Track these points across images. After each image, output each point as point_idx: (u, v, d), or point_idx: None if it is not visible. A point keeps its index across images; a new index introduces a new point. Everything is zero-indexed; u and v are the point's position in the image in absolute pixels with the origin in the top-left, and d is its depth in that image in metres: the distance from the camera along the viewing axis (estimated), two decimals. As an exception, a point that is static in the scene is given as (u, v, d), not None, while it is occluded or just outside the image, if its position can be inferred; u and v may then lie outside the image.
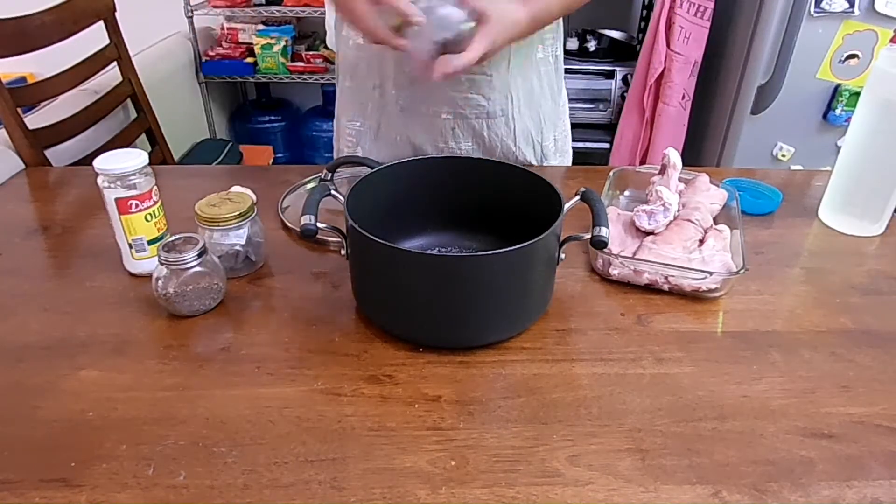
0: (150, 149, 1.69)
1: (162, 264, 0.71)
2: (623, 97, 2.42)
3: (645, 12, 2.56)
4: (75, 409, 0.61)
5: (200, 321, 0.73)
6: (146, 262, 0.79)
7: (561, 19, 1.04)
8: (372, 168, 0.79)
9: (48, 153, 1.23)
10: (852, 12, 1.75)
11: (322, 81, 2.66)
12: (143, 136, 1.67)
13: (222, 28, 2.64)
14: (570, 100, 1.18)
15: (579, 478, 0.55)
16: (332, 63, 2.64)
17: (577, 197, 0.72)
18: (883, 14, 1.74)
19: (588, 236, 0.68)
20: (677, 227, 0.84)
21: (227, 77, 2.58)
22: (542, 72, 1.05)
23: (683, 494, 0.54)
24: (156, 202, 0.78)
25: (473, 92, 0.99)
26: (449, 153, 1.04)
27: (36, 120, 1.27)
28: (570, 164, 1.18)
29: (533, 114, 1.06)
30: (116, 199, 0.75)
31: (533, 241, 0.64)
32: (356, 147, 1.10)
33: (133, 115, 1.65)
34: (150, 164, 0.76)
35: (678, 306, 0.77)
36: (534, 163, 1.10)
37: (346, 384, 0.64)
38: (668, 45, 2.11)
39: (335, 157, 1.14)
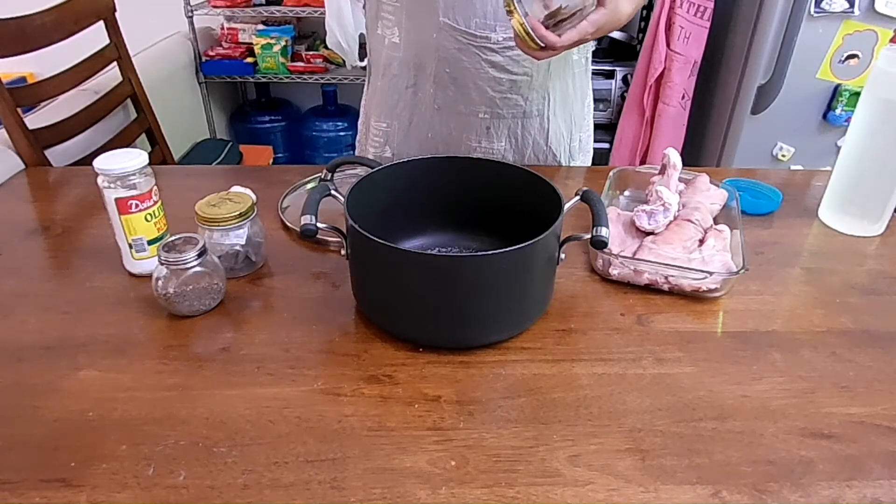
0: (150, 149, 1.69)
1: (162, 264, 0.71)
2: (623, 97, 2.42)
3: (645, 12, 2.56)
4: (75, 409, 0.61)
5: (200, 321, 0.73)
6: (146, 262, 0.79)
7: None
8: (372, 168, 0.79)
9: (48, 153, 1.23)
10: (852, 12, 1.75)
11: (322, 81, 2.66)
12: (143, 136, 1.67)
13: (222, 28, 2.64)
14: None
15: (579, 478, 0.55)
16: (332, 63, 2.64)
17: (577, 197, 0.72)
18: (883, 14, 1.74)
19: (588, 236, 0.68)
20: (677, 227, 0.84)
21: (227, 77, 2.58)
22: (576, 73, 1.06)
23: (683, 494, 0.54)
24: (156, 202, 0.78)
25: (513, 93, 0.99)
26: (481, 152, 1.04)
27: (36, 120, 1.27)
28: (590, 162, 1.19)
29: (566, 115, 1.07)
30: (116, 199, 0.75)
31: (533, 241, 0.64)
32: (384, 147, 1.10)
33: (133, 115, 1.65)
34: (150, 164, 0.76)
35: (678, 306, 0.77)
36: (563, 162, 1.11)
37: (346, 384, 0.64)
38: (668, 45, 2.11)
39: (358, 156, 1.14)
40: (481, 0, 0.91)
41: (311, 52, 2.63)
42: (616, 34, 2.55)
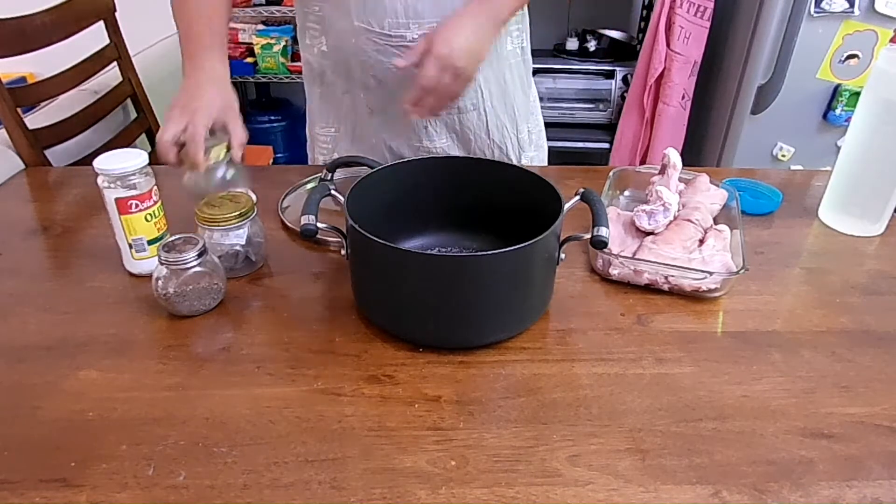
0: (150, 149, 1.69)
1: (162, 264, 0.71)
2: (623, 97, 2.42)
3: (645, 12, 2.56)
4: (75, 409, 0.61)
5: (200, 321, 0.73)
6: (146, 262, 0.79)
7: (526, 11, 1.03)
8: (372, 168, 0.79)
9: (48, 153, 1.22)
10: (852, 12, 1.75)
11: (322, 81, 2.66)
12: (143, 136, 1.67)
13: (222, 28, 2.63)
14: (570, 100, 1.18)
15: (579, 478, 0.55)
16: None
17: (577, 197, 0.72)
18: (883, 14, 1.74)
19: (588, 236, 0.68)
20: (677, 227, 0.84)
21: (227, 77, 2.58)
22: (512, 64, 1.05)
23: (683, 494, 0.54)
24: (156, 202, 0.78)
25: None
26: (425, 151, 1.04)
27: (36, 120, 1.27)
28: (545, 159, 1.18)
29: (507, 107, 1.06)
30: (116, 199, 0.75)
31: (533, 241, 0.64)
32: (332, 153, 1.10)
33: (133, 115, 1.64)
34: (150, 164, 0.76)
35: (678, 306, 0.77)
36: (511, 155, 1.10)
37: (346, 384, 0.64)
38: (668, 45, 2.11)
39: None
40: (391, 0, 0.90)
41: (311, 52, 2.63)
42: (616, 34, 2.55)
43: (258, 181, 1.00)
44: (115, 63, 1.56)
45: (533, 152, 1.14)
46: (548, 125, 1.20)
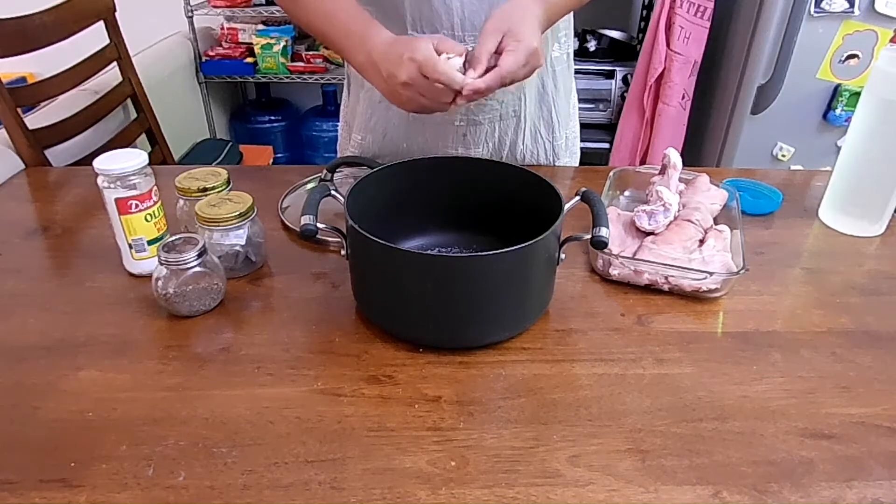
0: (150, 149, 1.69)
1: (162, 264, 0.71)
2: (623, 97, 2.43)
3: (645, 12, 2.56)
4: (75, 409, 0.61)
5: (200, 321, 0.73)
6: (146, 262, 0.79)
7: (572, 16, 1.03)
8: (372, 168, 0.79)
9: (48, 153, 1.23)
10: (852, 12, 1.75)
11: (322, 81, 2.66)
12: (143, 136, 1.67)
13: (222, 28, 2.64)
14: (570, 100, 1.17)
15: (579, 478, 0.55)
16: (333, 63, 2.64)
17: (578, 197, 0.72)
18: (883, 14, 1.74)
19: (588, 236, 0.68)
20: (677, 227, 0.84)
21: (227, 77, 2.58)
22: (557, 70, 1.04)
23: (684, 495, 0.54)
24: (156, 202, 0.78)
25: (489, 98, 0.97)
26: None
27: (36, 120, 1.27)
28: (577, 164, 1.17)
29: (544, 113, 1.05)
30: (116, 200, 0.75)
31: (533, 241, 0.64)
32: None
33: (133, 115, 1.64)
34: (150, 164, 0.76)
35: (678, 306, 0.77)
36: (543, 162, 1.09)
37: (346, 384, 0.64)
38: (668, 45, 2.11)
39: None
40: (447, 11, 0.89)
41: (311, 52, 2.63)
42: (616, 34, 2.55)
43: (258, 181, 1.01)
44: (115, 63, 1.57)
45: (567, 158, 1.13)
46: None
